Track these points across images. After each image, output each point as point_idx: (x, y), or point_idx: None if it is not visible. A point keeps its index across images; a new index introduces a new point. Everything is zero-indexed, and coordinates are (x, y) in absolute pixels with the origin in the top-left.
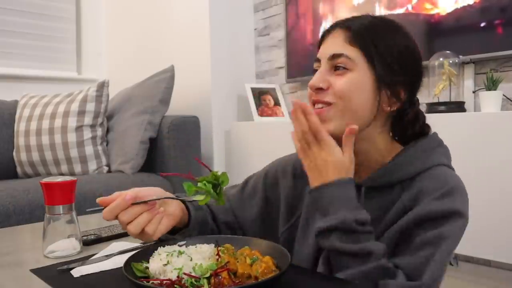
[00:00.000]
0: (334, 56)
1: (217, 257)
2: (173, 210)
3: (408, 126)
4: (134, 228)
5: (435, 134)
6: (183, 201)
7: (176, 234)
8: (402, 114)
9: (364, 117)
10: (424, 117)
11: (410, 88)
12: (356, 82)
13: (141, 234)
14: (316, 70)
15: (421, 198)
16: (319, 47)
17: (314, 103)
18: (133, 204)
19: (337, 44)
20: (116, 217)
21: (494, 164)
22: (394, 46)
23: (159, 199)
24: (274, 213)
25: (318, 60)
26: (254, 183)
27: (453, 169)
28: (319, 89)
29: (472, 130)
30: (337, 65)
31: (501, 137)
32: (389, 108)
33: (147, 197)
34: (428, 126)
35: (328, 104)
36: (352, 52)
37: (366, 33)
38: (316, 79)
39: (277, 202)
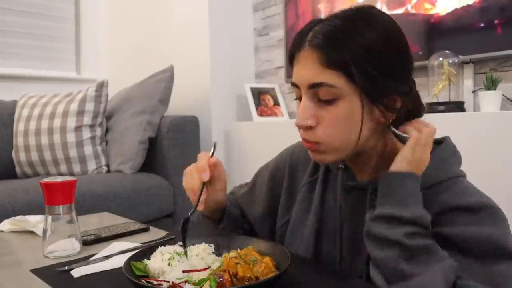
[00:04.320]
0: (314, 86)
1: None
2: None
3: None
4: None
5: (449, 140)
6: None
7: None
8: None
9: (360, 137)
10: (420, 101)
11: (405, 89)
12: (345, 112)
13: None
14: (297, 98)
15: (450, 217)
16: (291, 65)
17: (303, 139)
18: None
19: (312, 68)
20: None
21: (494, 164)
22: (374, 47)
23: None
24: (277, 207)
25: (296, 86)
26: (262, 176)
27: (465, 175)
28: (307, 127)
29: (471, 130)
30: (320, 97)
31: (500, 137)
32: (385, 120)
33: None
34: (423, 107)
35: (319, 143)
36: (332, 77)
37: (340, 47)
38: (301, 118)
39: (279, 195)
